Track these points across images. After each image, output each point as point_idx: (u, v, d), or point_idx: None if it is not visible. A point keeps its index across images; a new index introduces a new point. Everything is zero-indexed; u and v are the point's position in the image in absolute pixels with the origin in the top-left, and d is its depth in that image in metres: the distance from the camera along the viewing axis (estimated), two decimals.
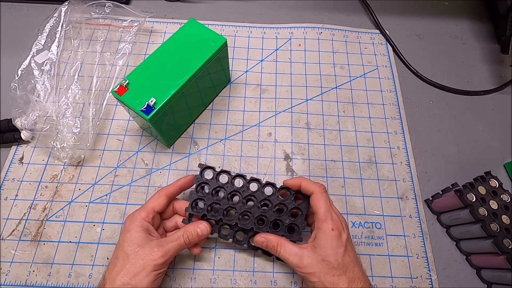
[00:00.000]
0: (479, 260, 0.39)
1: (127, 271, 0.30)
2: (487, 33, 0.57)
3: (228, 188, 0.36)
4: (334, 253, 0.31)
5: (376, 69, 0.52)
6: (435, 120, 0.49)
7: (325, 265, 0.31)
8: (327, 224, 0.32)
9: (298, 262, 0.32)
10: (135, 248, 0.31)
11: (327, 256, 0.31)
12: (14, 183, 0.42)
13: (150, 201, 0.35)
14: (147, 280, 0.30)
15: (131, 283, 0.30)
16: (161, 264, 0.31)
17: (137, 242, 0.31)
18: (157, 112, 0.36)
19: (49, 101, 0.43)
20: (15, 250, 0.38)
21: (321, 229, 0.32)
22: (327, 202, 0.33)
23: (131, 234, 0.32)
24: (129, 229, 0.32)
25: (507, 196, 0.37)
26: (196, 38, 0.41)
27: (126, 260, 0.31)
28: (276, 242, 0.34)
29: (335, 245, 0.32)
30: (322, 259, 0.31)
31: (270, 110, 0.48)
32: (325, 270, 0.31)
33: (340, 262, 0.31)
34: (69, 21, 0.48)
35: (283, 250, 0.33)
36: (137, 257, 0.31)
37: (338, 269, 0.31)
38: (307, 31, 0.55)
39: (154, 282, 0.31)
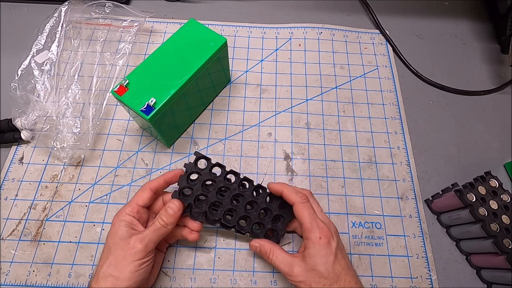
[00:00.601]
0: (479, 260, 0.39)
1: (109, 263, 0.31)
2: (487, 33, 0.57)
3: (219, 183, 0.36)
4: (324, 261, 0.31)
5: (376, 69, 0.52)
6: (435, 120, 0.49)
7: (315, 274, 0.31)
8: (314, 233, 0.32)
9: (288, 271, 0.32)
10: (116, 241, 0.32)
11: (316, 265, 0.31)
12: (14, 183, 0.42)
13: (135, 196, 0.35)
14: (129, 269, 0.30)
15: (114, 274, 0.30)
16: (140, 252, 0.31)
17: (118, 235, 0.32)
18: (157, 112, 0.36)
19: (49, 101, 0.43)
20: (15, 250, 0.38)
21: (309, 238, 0.32)
22: (310, 211, 0.33)
23: (115, 228, 0.33)
24: (114, 224, 0.33)
25: (507, 196, 0.37)
26: (196, 38, 0.41)
27: (108, 253, 0.31)
28: (269, 249, 0.34)
29: (324, 254, 0.31)
30: (312, 269, 0.31)
31: (270, 110, 0.48)
32: (314, 280, 0.31)
33: (330, 271, 0.31)
34: (69, 21, 0.48)
35: (274, 258, 0.34)
36: (118, 248, 0.31)
37: (328, 278, 0.31)
38: (307, 31, 0.55)
39: (139, 272, 0.31)
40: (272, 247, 0.34)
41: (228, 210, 0.36)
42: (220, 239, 0.39)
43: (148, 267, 0.32)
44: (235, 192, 0.36)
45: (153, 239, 0.32)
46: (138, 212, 0.34)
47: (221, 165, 0.37)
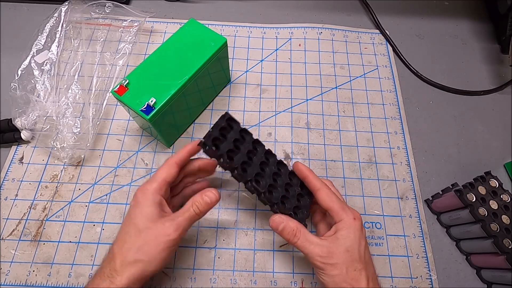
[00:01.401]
0: (479, 260, 0.39)
1: (139, 247, 0.29)
2: (487, 33, 0.57)
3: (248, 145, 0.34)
4: (358, 244, 0.30)
5: (376, 69, 0.52)
6: (435, 120, 0.49)
7: (349, 256, 0.29)
8: (348, 214, 0.31)
9: (320, 251, 0.30)
10: (148, 224, 0.30)
11: (351, 246, 0.29)
12: (14, 183, 0.42)
13: (161, 172, 0.32)
14: (161, 256, 0.29)
15: (144, 259, 0.29)
16: (175, 239, 0.29)
17: (149, 217, 0.30)
18: (157, 112, 0.36)
19: (49, 101, 0.43)
20: (15, 250, 0.38)
21: (343, 220, 0.31)
22: (337, 196, 0.32)
23: (143, 209, 0.30)
24: (141, 203, 0.31)
25: (507, 196, 0.37)
26: (196, 38, 0.41)
27: (138, 236, 0.29)
28: (296, 228, 0.31)
29: (358, 236, 0.30)
30: (347, 250, 0.29)
31: (270, 110, 0.48)
32: (348, 262, 0.29)
33: (362, 255, 0.30)
34: (69, 21, 0.48)
35: (303, 238, 0.31)
36: (150, 233, 0.29)
37: (360, 262, 0.29)
38: (307, 31, 0.55)
39: (168, 258, 0.30)
40: (300, 227, 0.31)
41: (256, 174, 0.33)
42: (220, 239, 0.40)
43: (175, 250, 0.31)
44: (262, 159, 0.34)
45: (187, 227, 0.31)
46: (166, 190, 0.32)
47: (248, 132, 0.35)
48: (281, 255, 0.39)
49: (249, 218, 0.41)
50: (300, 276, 0.38)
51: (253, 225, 0.40)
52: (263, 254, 0.39)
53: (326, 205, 0.32)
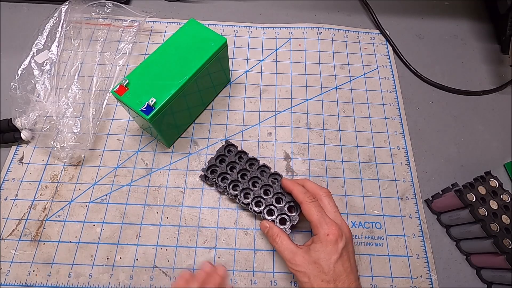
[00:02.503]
0: (479, 260, 0.39)
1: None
2: (487, 33, 0.57)
3: (240, 166, 0.41)
4: (327, 258, 0.32)
5: (376, 69, 0.52)
6: (435, 120, 0.49)
7: (316, 267, 0.32)
8: (322, 229, 0.33)
9: (291, 258, 0.33)
10: None
11: (319, 259, 0.32)
12: (14, 183, 0.42)
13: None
14: None
15: None
16: None
17: None
18: (157, 112, 0.36)
19: (49, 101, 0.43)
20: (15, 250, 0.38)
21: (317, 234, 0.33)
22: (318, 209, 0.34)
23: None
24: None
25: (507, 196, 0.37)
26: (196, 38, 0.41)
27: None
28: (276, 233, 0.35)
29: (329, 251, 0.32)
30: (314, 261, 0.32)
31: (270, 110, 0.48)
32: (314, 273, 0.32)
33: (331, 268, 0.31)
34: (69, 21, 0.48)
35: (280, 242, 0.35)
36: None
37: (328, 275, 0.31)
38: (307, 31, 0.55)
39: None
40: (280, 232, 0.36)
41: (245, 189, 0.40)
42: (220, 239, 0.40)
43: None
44: (255, 175, 0.40)
45: None
46: None
47: (244, 152, 0.43)
48: None
49: (249, 218, 0.41)
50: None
51: (253, 225, 0.40)
52: (263, 254, 0.39)
53: (307, 218, 0.34)
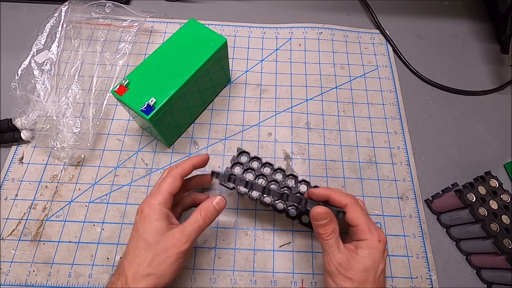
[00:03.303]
0: (479, 260, 0.39)
1: (150, 261, 0.29)
2: (487, 33, 0.57)
3: (257, 172, 0.41)
4: (375, 266, 0.29)
5: (376, 69, 0.52)
6: (435, 120, 0.49)
7: (365, 276, 0.29)
8: (373, 235, 0.30)
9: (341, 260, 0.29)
10: (157, 237, 0.30)
11: (369, 267, 0.29)
12: (14, 183, 0.42)
13: (165, 185, 0.32)
14: (173, 268, 0.29)
15: (156, 273, 0.29)
16: (185, 250, 0.30)
17: (158, 231, 0.30)
18: (157, 112, 0.36)
19: (49, 101, 0.43)
20: (15, 250, 0.38)
21: (366, 239, 0.30)
22: (364, 212, 0.32)
23: (152, 223, 0.30)
24: (149, 217, 0.30)
25: (507, 196, 0.37)
26: (196, 38, 0.41)
27: (148, 250, 0.29)
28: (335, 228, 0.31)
29: (378, 259, 0.29)
30: (364, 269, 0.29)
31: (270, 110, 0.48)
32: (361, 281, 0.29)
33: (377, 279, 0.29)
34: (69, 21, 0.48)
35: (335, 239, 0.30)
36: (160, 246, 0.29)
37: (373, 284, 0.29)
38: (307, 31, 0.55)
39: (180, 267, 0.30)
40: (337, 228, 0.31)
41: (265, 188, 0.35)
42: (220, 239, 0.40)
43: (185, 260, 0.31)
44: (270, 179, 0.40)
45: (196, 237, 0.31)
46: (170, 201, 0.32)
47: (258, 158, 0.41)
48: (281, 255, 0.39)
49: (249, 218, 0.41)
50: (300, 276, 0.38)
51: (253, 225, 0.40)
52: (263, 254, 0.39)
53: (353, 222, 0.31)
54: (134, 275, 0.29)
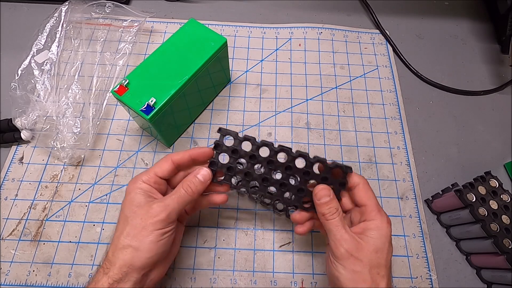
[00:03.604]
0: (479, 260, 0.39)
1: (127, 233, 0.28)
2: (487, 33, 0.57)
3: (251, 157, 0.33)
4: (387, 249, 0.28)
5: (376, 69, 0.52)
6: (435, 120, 0.49)
7: (377, 257, 0.27)
8: (382, 216, 0.29)
9: (350, 240, 0.28)
10: (134, 209, 0.29)
11: (380, 249, 0.27)
12: (14, 183, 0.42)
13: (154, 165, 0.32)
14: (150, 239, 0.28)
15: (133, 244, 0.28)
16: (162, 221, 0.28)
17: (135, 203, 0.29)
18: (157, 112, 0.36)
19: (49, 101, 0.43)
20: (15, 250, 0.38)
21: (375, 220, 0.29)
22: (373, 193, 0.30)
23: (131, 197, 0.30)
24: (129, 192, 0.30)
25: (507, 196, 0.37)
26: (196, 38, 0.41)
27: (125, 223, 0.29)
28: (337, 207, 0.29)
29: (389, 241, 0.28)
30: (376, 250, 0.27)
31: (270, 110, 0.48)
32: (373, 263, 0.27)
33: (388, 262, 0.27)
34: (69, 21, 0.48)
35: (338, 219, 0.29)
36: (136, 217, 0.28)
37: (385, 268, 0.27)
38: (307, 31, 0.55)
39: (160, 243, 0.28)
40: (340, 208, 0.30)
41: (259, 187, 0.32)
42: (220, 239, 0.40)
43: (169, 239, 0.29)
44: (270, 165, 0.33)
45: (176, 208, 0.29)
46: (156, 182, 0.31)
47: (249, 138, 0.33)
48: (281, 255, 0.39)
49: (249, 218, 0.41)
50: (300, 276, 0.38)
51: (253, 225, 0.40)
52: (263, 254, 0.39)
53: (363, 201, 0.30)
54: (113, 249, 0.28)
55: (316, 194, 0.30)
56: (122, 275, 0.27)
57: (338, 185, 0.31)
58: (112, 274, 0.27)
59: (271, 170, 0.32)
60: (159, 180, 0.31)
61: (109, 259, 0.28)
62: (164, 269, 0.31)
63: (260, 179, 0.32)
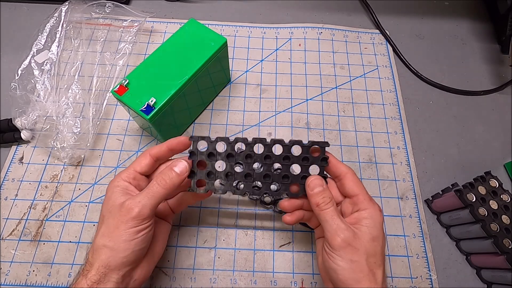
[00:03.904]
0: (479, 260, 0.39)
1: (102, 233, 0.28)
2: (487, 33, 0.57)
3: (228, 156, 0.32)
4: (382, 238, 0.28)
5: (376, 69, 0.52)
6: (435, 120, 0.49)
7: (374, 246, 0.27)
8: (373, 205, 0.29)
9: (346, 229, 0.27)
10: (109, 209, 0.28)
11: (377, 237, 0.27)
12: (14, 183, 0.42)
13: (133, 162, 0.31)
14: (123, 238, 0.27)
15: (108, 244, 0.27)
16: (133, 218, 0.27)
17: (111, 202, 0.28)
18: (157, 112, 0.36)
19: (49, 101, 0.43)
20: (15, 250, 0.38)
21: (368, 209, 0.29)
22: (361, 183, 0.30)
23: (108, 195, 0.29)
24: (107, 190, 0.30)
25: (507, 196, 0.37)
26: (196, 38, 0.41)
27: (101, 222, 0.28)
28: (330, 197, 0.29)
29: (382, 229, 0.28)
30: (372, 239, 0.27)
31: (270, 110, 0.48)
32: (370, 252, 0.27)
33: (383, 251, 0.27)
34: (69, 21, 0.48)
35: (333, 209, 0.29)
36: (110, 216, 0.28)
37: (381, 257, 0.27)
38: (307, 31, 0.55)
39: (135, 242, 0.27)
40: (333, 198, 0.29)
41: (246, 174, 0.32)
42: (220, 239, 0.40)
43: (146, 236, 0.28)
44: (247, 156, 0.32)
45: (149, 204, 0.28)
46: (135, 178, 0.30)
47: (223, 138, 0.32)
48: (281, 255, 0.39)
49: (249, 218, 0.41)
50: (300, 276, 0.38)
51: (253, 225, 0.40)
52: (263, 254, 0.39)
53: (353, 190, 0.30)
54: (92, 250, 0.28)
55: (309, 184, 0.30)
56: (100, 276, 0.26)
57: (320, 161, 0.31)
58: (90, 276, 0.27)
59: (251, 164, 0.32)
60: (139, 176, 0.31)
61: (89, 260, 0.28)
62: (149, 269, 0.31)
63: (242, 175, 0.32)
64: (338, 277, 0.27)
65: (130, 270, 0.28)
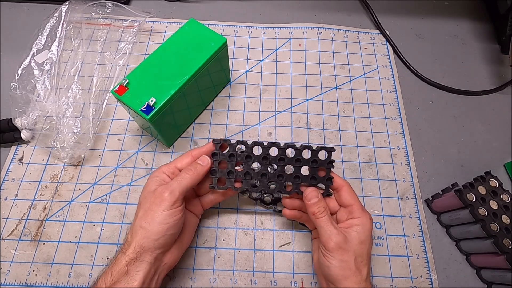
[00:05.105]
0: (479, 260, 0.39)
1: (140, 216, 0.31)
2: (487, 33, 0.57)
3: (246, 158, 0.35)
4: (368, 242, 0.32)
5: (376, 69, 0.52)
6: (435, 120, 0.49)
7: (361, 248, 0.31)
8: (365, 214, 0.33)
9: (338, 234, 0.31)
10: (145, 194, 0.32)
11: (364, 241, 0.32)
12: (14, 183, 0.42)
13: (176, 159, 0.35)
14: (158, 221, 0.30)
15: (144, 225, 0.30)
16: (166, 201, 0.31)
17: (148, 190, 0.33)
18: (157, 111, 0.36)
19: (49, 100, 0.43)
20: (15, 250, 0.38)
21: (360, 218, 0.33)
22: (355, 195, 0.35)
23: (147, 183, 0.33)
24: (148, 180, 0.34)
25: (507, 196, 0.37)
26: (196, 38, 0.41)
27: (139, 207, 0.32)
28: (325, 206, 0.33)
29: (370, 236, 0.32)
30: (361, 242, 0.31)
31: (270, 110, 0.48)
32: (358, 253, 0.31)
33: (369, 253, 0.32)
34: (69, 21, 0.48)
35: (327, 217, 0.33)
36: (146, 201, 0.32)
37: (367, 258, 0.32)
38: (307, 31, 0.55)
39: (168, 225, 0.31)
40: (327, 207, 0.34)
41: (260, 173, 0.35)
42: (220, 239, 0.40)
43: (177, 222, 0.31)
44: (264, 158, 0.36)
45: (177, 188, 0.32)
46: (174, 173, 0.34)
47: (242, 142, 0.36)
48: (281, 255, 0.39)
49: (249, 218, 0.41)
50: (300, 276, 0.38)
51: (253, 225, 0.40)
52: (263, 254, 0.39)
53: (349, 201, 0.34)
54: (130, 231, 0.32)
55: (306, 196, 0.34)
56: (137, 255, 0.30)
57: (326, 180, 0.35)
58: (128, 253, 0.30)
59: (267, 165, 0.36)
60: (177, 171, 0.35)
61: (128, 240, 0.31)
62: (178, 255, 0.34)
63: (258, 175, 0.35)
64: (331, 273, 0.31)
65: (161, 254, 0.31)
